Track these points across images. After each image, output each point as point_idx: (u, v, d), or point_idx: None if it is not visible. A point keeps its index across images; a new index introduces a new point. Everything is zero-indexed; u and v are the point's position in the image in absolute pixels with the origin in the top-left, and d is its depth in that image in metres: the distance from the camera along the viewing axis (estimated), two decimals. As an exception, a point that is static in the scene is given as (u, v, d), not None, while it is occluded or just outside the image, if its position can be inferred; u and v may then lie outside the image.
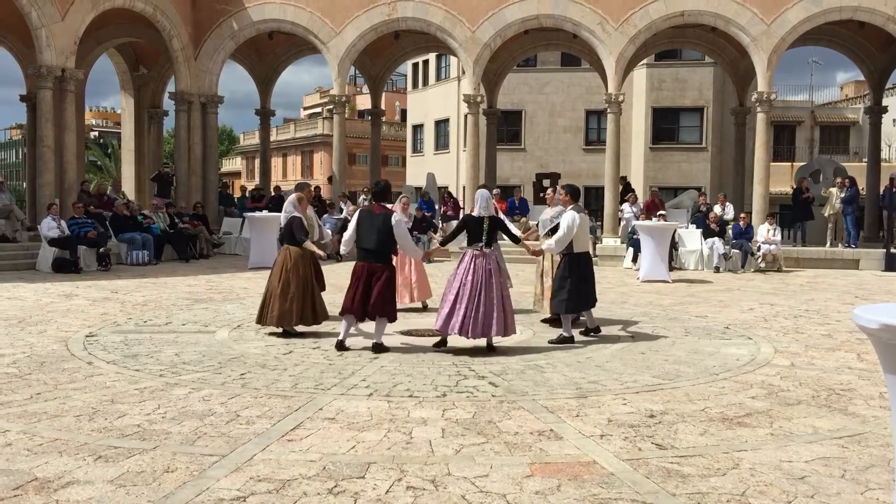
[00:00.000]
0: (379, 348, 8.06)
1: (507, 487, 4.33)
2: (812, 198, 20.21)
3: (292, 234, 8.98)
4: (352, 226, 8.23)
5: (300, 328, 9.01)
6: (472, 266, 7.97)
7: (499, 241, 11.15)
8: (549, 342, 8.78)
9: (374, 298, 7.93)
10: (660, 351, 8.35)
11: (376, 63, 26.21)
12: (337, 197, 22.60)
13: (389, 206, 8.35)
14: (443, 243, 9.10)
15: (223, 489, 4.24)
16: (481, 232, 8.10)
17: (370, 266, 8.02)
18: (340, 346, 8.10)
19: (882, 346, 3.25)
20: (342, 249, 8.78)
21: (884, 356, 3.30)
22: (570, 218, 8.79)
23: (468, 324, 7.85)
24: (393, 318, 8.17)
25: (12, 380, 6.68)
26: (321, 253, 9.24)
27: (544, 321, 10.04)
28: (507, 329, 8.08)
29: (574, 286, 8.76)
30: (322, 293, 9.16)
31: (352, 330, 8.36)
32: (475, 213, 8.34)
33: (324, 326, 9.14)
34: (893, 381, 3.29)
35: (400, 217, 8.23)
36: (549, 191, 11.43)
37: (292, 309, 8.71)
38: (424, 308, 10.90)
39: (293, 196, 9.32)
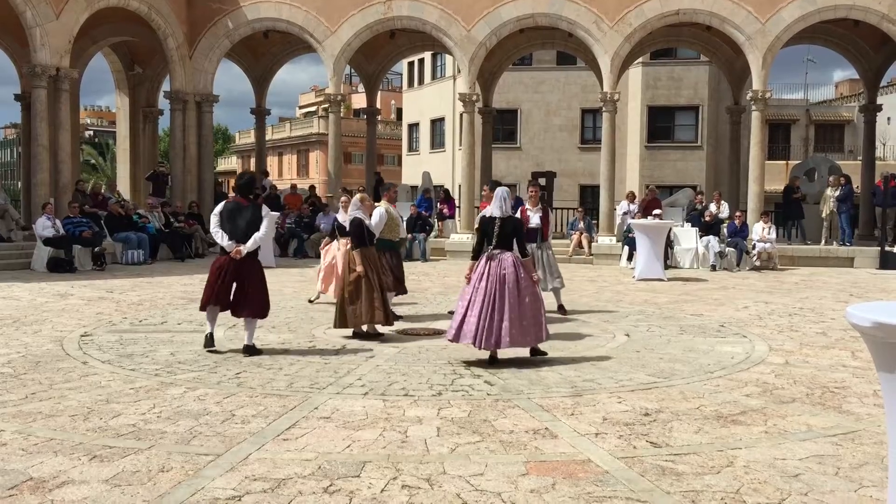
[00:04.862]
0: (251, 350, 7.76)
1: (502, 486, 4.33)
2: (803, 196, 20.25)
3: (357, 235, 8.74)
4: (215, 218, 7.79)
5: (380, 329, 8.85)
6: (485, 271, 7.48)
7: (550, 240, 11.02)
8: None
9: (251, 297, 7.67)
10: (655, 349, 8.36)
11: (372, 62, 26.18)
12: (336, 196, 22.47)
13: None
14: (473, 257, 7.81)
15: (218, 488, 4.25)
16: (492, 234, 7.61)
17: (237, 260, 7.66)
18: (210, 342, 7.87)
19: (875, 344, 3.26)
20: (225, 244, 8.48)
21: (877, 354, 3.31)
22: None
23: (481, 333, 7.30)
24: (265, 316, 7.91)
25: (7, 379, 6.68)
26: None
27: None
28: (525, 337, 7.42)
29: None
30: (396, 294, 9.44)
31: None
32: (488, 214, 7.82)
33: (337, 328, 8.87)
34: (887, 378, 3.30)
35: (268, 210, 7.89)
36: (532, 189, 10.74)
37: (362, 311, 8.54)
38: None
39: (357, 196, 9.21)
